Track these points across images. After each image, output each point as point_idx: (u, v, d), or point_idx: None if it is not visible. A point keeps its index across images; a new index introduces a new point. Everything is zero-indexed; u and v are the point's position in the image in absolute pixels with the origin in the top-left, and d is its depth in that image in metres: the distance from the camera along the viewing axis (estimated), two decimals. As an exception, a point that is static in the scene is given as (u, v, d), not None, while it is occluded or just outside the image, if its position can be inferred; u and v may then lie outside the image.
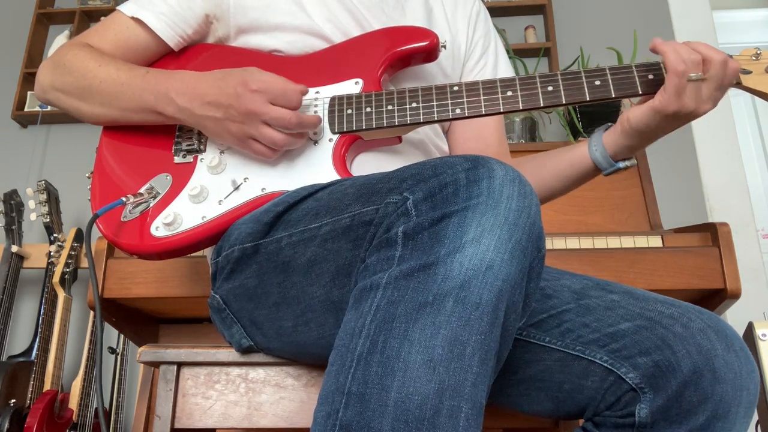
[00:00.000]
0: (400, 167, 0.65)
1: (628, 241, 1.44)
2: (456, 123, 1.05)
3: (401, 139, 0.91)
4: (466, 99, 0.83)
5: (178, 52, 0.97)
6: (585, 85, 0.82)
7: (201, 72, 0.86)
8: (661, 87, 0.79)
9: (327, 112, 0.87)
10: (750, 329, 1.47)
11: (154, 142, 0.92)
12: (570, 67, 2.28)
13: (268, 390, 0.84)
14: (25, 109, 2.56)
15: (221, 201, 0.85)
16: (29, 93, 2.60)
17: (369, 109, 0.85)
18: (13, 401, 1.86)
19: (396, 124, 0.84)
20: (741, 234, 2.17)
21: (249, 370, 0.85)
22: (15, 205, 2.17)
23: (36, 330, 2.01)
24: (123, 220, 0.86)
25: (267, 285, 0.75)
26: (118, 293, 1.39)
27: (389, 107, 0.85)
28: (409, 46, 0.89)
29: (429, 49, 0.89)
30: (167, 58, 0.98)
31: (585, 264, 1.35)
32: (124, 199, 0.85)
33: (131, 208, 0.87)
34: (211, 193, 0.85)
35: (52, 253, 2.11)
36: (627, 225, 1.60)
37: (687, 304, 0.74)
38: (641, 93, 0.82)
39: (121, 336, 2.06)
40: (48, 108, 2.48)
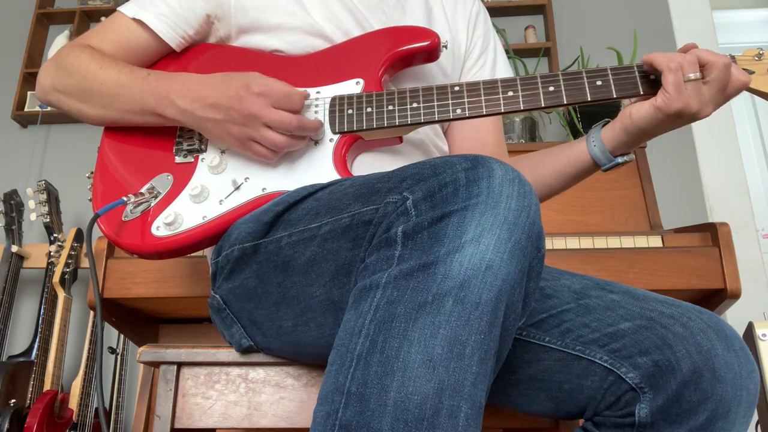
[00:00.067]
0: (399, 167, 0.65)
1: (628, 241, 1.44)
2: (454, 123, 1.05)
3: (402, 140, 0.91)
4: (467, 99, 0.83)
5: (179, 52, 0.97)
6: (586, 86, 0.82)
7: (202, 75, 0.86)
8: (662, 86, 0.79)
9: (328, 112, 0.87)
10: (750, 329, 1.47)
11: (155, 142, 0.92)
12: (570, 67, 2.28)
13: (268, 390, 0.84)
14: (25, 109, 2.57)
15: (222, 201, 0.85)
16: (29, 93, 2.60)
17: (370, 109, 0.85)
18: (13, 401, 1.86)
19: (397, 124, 0.84)
20: (741, 234, 2.17)
21: (249, 370, 0.85)
22: (15, 205, 2.17)
23: (36, 330, 2.01)
24: (124, 219, 0.86)
25: (267, 285, 0.75)
26: (118, 293, 1.39)
27: (390, 107, 0.85)
28: (411, 46, 0.89)
29: (430, 49, 0.89)
30: (168, 58, 0.98)
31: (585, 264, 1.35)
32: (125, 199, 0.85)
33: (132, 207, 0.87)
34: (212, 193, 0.86)
35: (52, 253, 2.11)
36: (627, 225, 1.60)
37: (687, 304, 0.74)
38: (642, 93, 0.82)
39: (121, 336, 2.06)
40: (48, 108, 2.48)
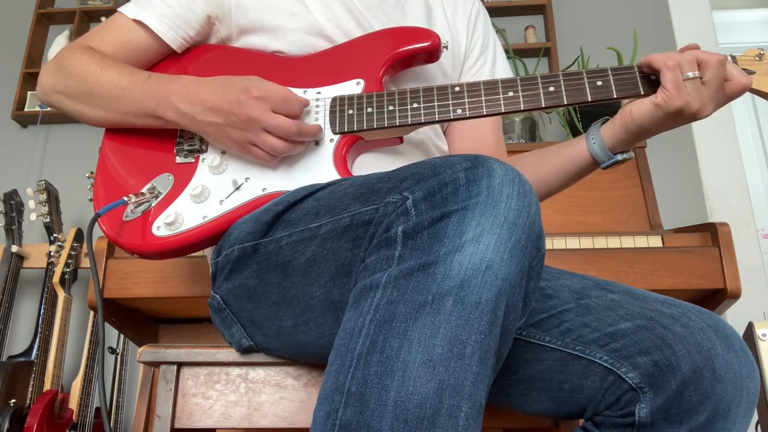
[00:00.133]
0: (399, 167, 0.65)
1: (628, 241, 1.44)
2: (454, 123, 1.05)
3: (402, 140, 0.91)
4: (467, 99, 0.83)
5: (180, 53, 0.97)
6: (587, 86, 0.82)
7: (203, 77, 0.86)
8: (661, 84, 0.80)
9: (328, 112, 0.87)
10: (750, 329, 1.47)
11: (156, 142, 0.92)
12: (570, 67, 2.28)
13: (268, 390, 0.84)
14: (25, 109, 2.57)
15: (222, 201, 0.85)
16: (29, 93, 2.61)
17: (370, 110, 0.85)
18: (13, 401, 1.86)
19: (397, 124, 0.84)
20: (741, 234, 2.17)
21: (249, 370, 0.85)
22: (15, 205, 2.17)
23: (36, 330, 2.01)
24: (125, 219, 0.86)
25: (267, 284, 0.75)
26: (118, 293, 1.39)
27: (390, 108, 0.85)
28: (411, 46, 0.89)
29: (431, 50, 0.89)
30: (169, 59, 0.98)
31: (585, 264, 1.35)
32: (125, 199, 0.85)
33: (133, 207, 0.87)
34: (213, 193, 0.86)
35: (52, 253, 2.11)
36: (627, 225, 1.60)
37: (687, 303, 0.74)
38: (643, 94, 0.82)
39: (121, 336, 2.06)
40: (48, 108, 2.48)
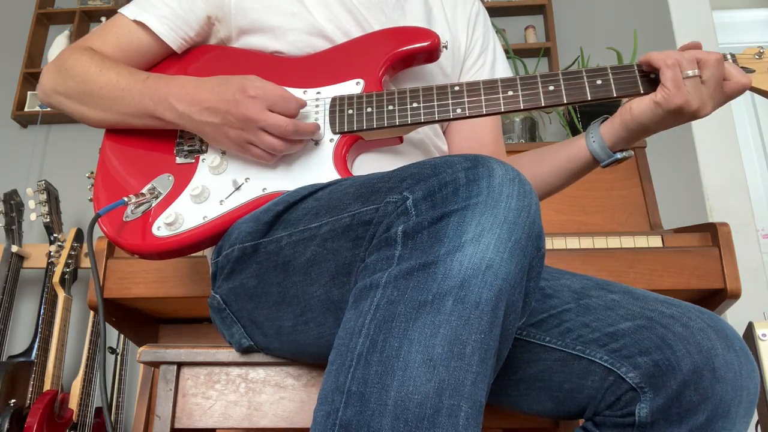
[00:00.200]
0: (399, 167, 0.65)
1: (628, 241, 1.44)
2: (453, 123, 1.05)
3: (402, 140, 0.91)
4: (467, 99, 0.83)
5: (180, 54, 0.97)
6: (586, 85, 0.82)
7: (201, 78, 0.86)
8: (660, 82, 0.80)
9: (328, 112, 0.87)
10: (750, 329, 1.47)
11: (156, 142, 0.92)
12: (570, 67, 2.28)
13: (268, 390, 0.84)
14: (25, 109, 2.57)
15: (222, 201, 0.85)
16: (29, 93, 2.61)
17: (370, 110, 0.85)
18: (13, 401, 1.86)
19: (397, 124, 0.84)
20: (741, 234, 2.17)
21: (249, 370, 0.85)
22: (15, 205, 2.17)
23: (36, 330, 2.01)
24: (125, 219, 0.86)
25: (267, 284, 0.75)
26: (118, 293, 1.39)
27: (390, 107, 0.85)
28: (411, 46, 0.89)
29: (430, 50, 0.89)
30: (169, 60, 0.98)
31: (585, 264, 1.35)
32: (126, 199, 0.85)
33: (133, 208, 0.87)
34: (213, 193, 0.86)
35: (52, 253, 2.11)
36: (627, 225, 1.60)
37: (687, 303, 0.74)
38: (643, 92, 0.82)
39: (121, 336, 2.06)
40: (48, 108, 2.48)
